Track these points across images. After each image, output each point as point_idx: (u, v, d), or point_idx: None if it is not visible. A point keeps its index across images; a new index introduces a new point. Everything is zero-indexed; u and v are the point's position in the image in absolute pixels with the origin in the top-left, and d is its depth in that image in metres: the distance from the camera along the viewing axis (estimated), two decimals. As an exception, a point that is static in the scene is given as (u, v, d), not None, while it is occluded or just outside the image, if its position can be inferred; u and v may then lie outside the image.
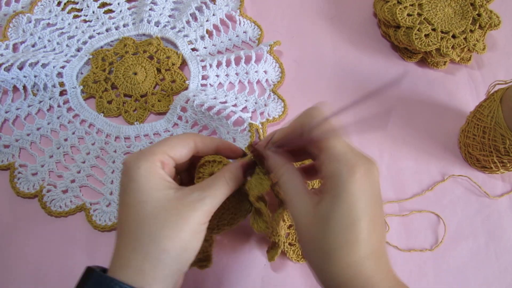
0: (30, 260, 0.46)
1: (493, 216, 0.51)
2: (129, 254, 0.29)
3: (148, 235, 0.29)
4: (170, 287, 0.30)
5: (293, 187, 0.32)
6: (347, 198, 0.28)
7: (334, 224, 0.28)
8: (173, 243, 0.29)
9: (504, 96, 0.45)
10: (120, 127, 0.53)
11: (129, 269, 0.29)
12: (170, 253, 0.29)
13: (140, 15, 0.59)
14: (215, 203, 0.31)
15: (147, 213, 0.30)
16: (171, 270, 0.29)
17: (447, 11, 0.56)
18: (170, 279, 0.29)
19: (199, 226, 0.30)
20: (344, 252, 0.28)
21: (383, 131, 0.55)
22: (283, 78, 0.56)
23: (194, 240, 0.30)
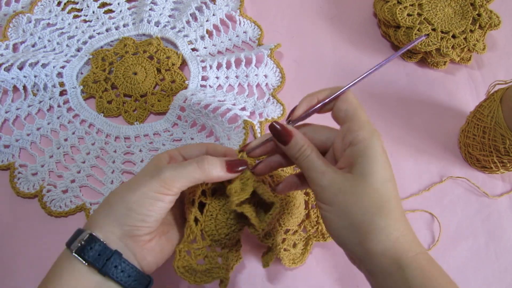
0: (30, 260, 0.46)
1: (493, 216, 0.51)
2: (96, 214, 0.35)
3: (108, 197, 0.35)
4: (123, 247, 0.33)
5: (323, 161, 0.33)
6: (381, 157, 0.31)
7: (376, 179, 0.31)
8: (117, 199, 0.34)
9: (504, 96, 0.45)
10: (120, 127, 0.53)
11: (88, 220, 0.35)
12: (111, 206, 0.34)
13: (140, 15, 0.59)
14: (176, 177, 0.33)
15: (124, 184, 0.35)
16: (121, 231, 0.33)
17: (447, 11, 0.56)
18: (122, 240, 0.33)
19: (150, 193, 0.33)
20: (385, 210, 0.30)
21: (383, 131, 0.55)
22: (283, 82, 0.56)
23: (139, 203, 0.33)
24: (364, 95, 0.56)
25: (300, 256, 0.46)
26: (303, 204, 0.47)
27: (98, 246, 0.32)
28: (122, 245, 0.34)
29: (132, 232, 0.34)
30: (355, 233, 0.31)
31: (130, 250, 0.34)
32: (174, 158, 0.37)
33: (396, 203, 0.31)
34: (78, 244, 0.33)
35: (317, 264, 0.48)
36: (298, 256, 0.46)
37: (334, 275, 0.47)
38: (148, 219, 0.33)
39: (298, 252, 0.47)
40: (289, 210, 0.45)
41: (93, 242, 0.32)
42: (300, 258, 0.46)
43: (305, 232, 0.48)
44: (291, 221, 0.45)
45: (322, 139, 0.36)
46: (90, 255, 0.32)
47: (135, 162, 0.51)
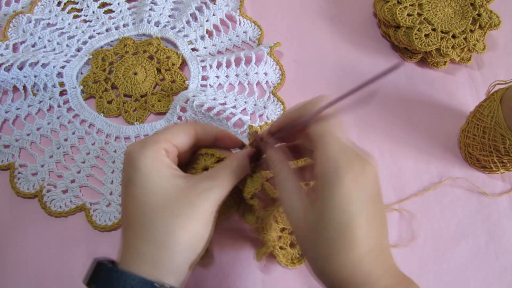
0: (30, 260, 0.46)
1: (493, 216, 0.51)
2: (142, 245, 0.28)
3: (161, 225, 0.28)
4: (182, 279, 0.29)
5: (288, 186, 0.31)
6: (338, 199, 0.27)
7: (328, 224, 0.28)
8: (186, 232, 0.28)
9: (504, 96, 0.45)
10: (120, 127, 0.53)
11: (143, 261, 0.28)
12: (183, 243, 0.28)
13: (140, 15, 0.59)
14: (224, 192, 0.31)
15: (158, 203, 0.29)
16: (184, 260, 0.29)
17: (447, 11, 0.56)
18: (183, 270, 0.29)
19: (209, 215, 0.30)
20: (341, 251, 0.28)
21: (383, 131, 0.55)
22: (283, 80, 0.56)
23: (204, 230, 0.29)
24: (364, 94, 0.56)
25: (300, 257, 0.46)
26: None
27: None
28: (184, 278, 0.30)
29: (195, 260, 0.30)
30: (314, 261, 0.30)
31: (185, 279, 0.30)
32: (170, 152, 0.32)
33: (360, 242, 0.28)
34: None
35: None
36: (297, 256, 0.46)
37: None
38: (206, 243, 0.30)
39: (296, 252, 0.47)
40: None
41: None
42: (299, 259, 0.46)
43: None
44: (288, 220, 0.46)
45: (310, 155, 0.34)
46: None
47: (135, 162, 0.51)
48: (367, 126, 0.55)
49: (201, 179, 0.31)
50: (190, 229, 0.28)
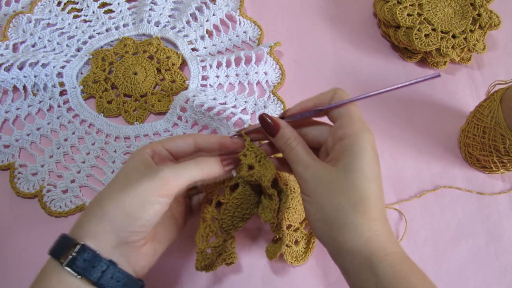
0: (30, 260, 0.46)
1: (493, 216, 0.51)
2: (85, 220, 0.32)
3: (102, 204, 0.32)
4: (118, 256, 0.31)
5: (308, 154, 0.33)
6: (367, 154, 0.31)
7: (357, 176, 0.31)
8: (112, 203, 0.31)
9: (504, 96, 0.45)
10: (120, 127, 0.53)
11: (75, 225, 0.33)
12: (105, 211, 0.31)
13: (140, 15, 0.59)
14: (176, 178, 0.32)
15: (112, 185, 0.33)
16: (116, 238, 0.31)
17: (447, 11, 0.56)
18: (117, 248, 0.31)
19: (150, 197, 0.31)
20: (361, 208, 0.30)
21: (383, 131, 0.55)
22: (283, 79, 0.56)
23: (140, 208, 0.31)
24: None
25: (303, 254, 0.47)
26: None
27: (91, 257, 0.30)
28: (117, 254, 0.32)
29: (128, 238, 0.32)
30: (329, 228, 0.31)
31: (124, 257, 0.32)
32: (157, 153, 0.36)
33: (376, 203, 0.31)
34: (70, 255, 0.30)
35: (317, 264, 0.48)
36: (301, 254, 0.47)
37: (333, 277, 0.47)
38: (147, 224, 0.32)
39: (300, 250, 0.47)
40: (294, 206, 0.46)
41: (86, 253, 0.30)
42: (303, 256, 0.46)
43: (306, 230, 0.48)
44: (294, 217, 0.46)
45: (316, 134, 0.36)
46: (83, 267, 0.30)
47: (135, 162, 0.51)
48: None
49: (156, 167, 0.33)
50: (119, 203, 0.31)
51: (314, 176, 0.32)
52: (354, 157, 0.31)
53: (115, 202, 0.31)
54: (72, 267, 0.30)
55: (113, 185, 0.33)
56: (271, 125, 0.35)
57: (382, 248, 0.30)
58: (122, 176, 0.33)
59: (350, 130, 0.32)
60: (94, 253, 0.30)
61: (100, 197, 0.33)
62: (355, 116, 0.33)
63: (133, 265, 0.33)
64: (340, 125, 0.33)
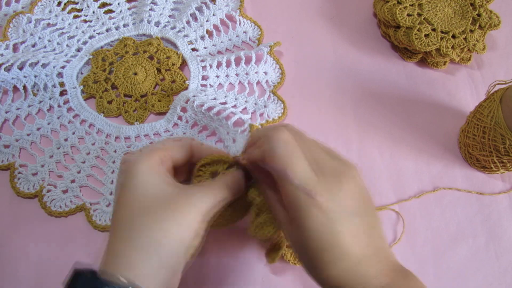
0: (30, 260, 0.46)
1: (493, 216, 0.51)
2: (121, 246, 0.28)
3: (143, 227, 0.28)
4: (161, 284, 0.28)
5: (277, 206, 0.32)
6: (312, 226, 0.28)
7: (308, 247, 0.29)
8: (168, 236, 0.28)
9: (504, 96, 0.45)
10: (120, 127, 0.53)
11: (120, 262, 0.28)
12: (164, 246, 0.28)
13: (140, 15, 0.59)
14: (213, 202, 0.31)
15: (144, 206, 0.29)
16: (164, 265, 0.28)
17: (447, 11, 0.56)
18: (163, 275, 0.28)
19: (195, 224, 0.29)
20: (329, 267, 0.29)
21: (383, 131, 0.55)
22: (283, 79, 0.56)
23: (188, 237, 0.29)
24: (364, 94, 0.56)
25: None
26: None
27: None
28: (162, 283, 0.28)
29: (175, 266, 0.29)
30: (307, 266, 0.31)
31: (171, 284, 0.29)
32: (164, 162, 0.33)
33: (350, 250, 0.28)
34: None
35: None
36: None
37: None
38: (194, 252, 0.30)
39: None
40: None
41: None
42: None
43: None
44: None
45: None
46: None
47: (135, 162, 0.51)
48: (367, 126, 0.55)
49: (192, 187, 0.31)
50: (173, 233, 0.28)
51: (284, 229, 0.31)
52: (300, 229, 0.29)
53: (161, 225, 0.28)
54: None
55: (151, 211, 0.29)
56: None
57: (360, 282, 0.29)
58: (149, 196, 0.29)
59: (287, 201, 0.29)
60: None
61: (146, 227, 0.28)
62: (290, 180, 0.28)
63: None
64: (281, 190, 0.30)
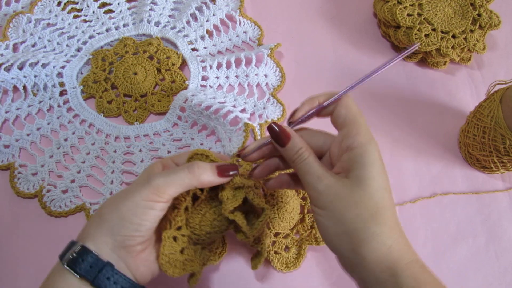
0: (30, 260, 0.46)
1: (493, 216, 0.51)
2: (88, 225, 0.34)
3: (101, 212, 0.34)
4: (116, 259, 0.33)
5: (320, 165, 0.33)
6: (378, 164, 0.31)
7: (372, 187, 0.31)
8: (109, 209, 0.33)
9: (504, 96, 0.45)
10: (120, 127, 0.53)
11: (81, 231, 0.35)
12: (103, 216, 0.33)
13: (140, 15, 0.59)
14: (167, 183, 0.33)
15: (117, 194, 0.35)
16: (113, 242, 0.33)
17: (447, 11, 0.56)
18: (115, 251, 0.33)
19: (142, 201, 0.32)
20: (380, 218, 0.30)
21: (383, 131, 0.55)
22: (283, 82, 0.56)
23: (131, 212, 0.32)
24: (364, 95, 0.56)
25: (294, 260, 0.46)
26: (298, 209, 0.46)
27: (90, 258, 0.32)
28: (115, 256, 0.33)
29: (124, 242, 0.33)
30: (349, 240, 0.31)
31: (123, 261, 0.33)
32: (167, 167, 0.37)
33: (391, 211, 0.31)
34: (70, 256, 0.32)
35: (313, 268, 0.48)
36: (292, 260, 0.46)
37: (330, 279, 0.47)
38: (141, 228, 0.33)
39: (291, 256, 0.46)
40: (280, 215, 0.45)
41: (85, 254, 0.32)
42: (294, 263, 0.46)
43: (297, 236, 0.48)
44: (281, 225, 0.45)
45: (319, 144, 0.35)
46: (82, 267, 0.32)
47: (135, 162, 0.51)
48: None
49: (149, 175, 0.34)
50: (116, 211, 0.33)
51: (329, 188, 0.32)
52: (366, 168, 0.31)
53: (111, 207, 0.33)
54: (72, 266, 0.32)
55: (115, 195, 0.35)
56: (281, 135, 0.34)
57: (402, 257, 0.30)
58: (127, 188, 0.35)
59: (358, 140, 0.32)
60: (93, 254, 0.32)
61: (102, 206, 0.35)
62: (362, 125, 0.33)
63: (132, 270, 0.34)
64: (347, 134, 0.33)
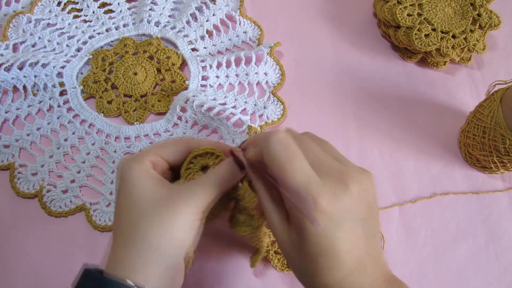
0: (30, 260, 0.46)
1: (493, 216, 0.51)
2: (123, 253, 0.29)
3: (140, 233, 0.29)
4: (166, 284, 0.30)
5: (270, 208, 0.31)
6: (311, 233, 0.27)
7: (306, 253, 0.28)
8: (164, 239, 0.29)
9: (504, 96, 0.45)
10: (120, 127, 0.53)
11: (124, 268, 0.29)
12: (161, 251, 0.29)
13: (140, 15, 0.59)
14: (208, 198, 0.31)
15: (139, 211, 0.30)
16: (164, 267, 0.29)
17: (447, 11, 0.56)
18: (164, 276, 0.29)
19: (191, 222, 0.30)
20: (323, 275, 0.28)
21: (383, 131, 0.55)
22: (283, 80, 0.56)
23: (186, 236, 0.30)
24: (364, 94, 0.56)
25: None
26: None
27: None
28: (165, 281, 0.30)
29: (177, 265, 0.30)
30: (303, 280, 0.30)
31: (171, 281, 0.30)
32: (158, 165, 0.33)
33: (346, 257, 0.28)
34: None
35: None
36: None
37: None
38: (192, 244, 0.31)
39: None
40: None
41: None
42: None
43: None
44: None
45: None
46: None
47: (135, 162, 0.51)
48: (367, 126, 0.55)
49: (184, 186, 0.31)
50: (168, 236, 0.29)
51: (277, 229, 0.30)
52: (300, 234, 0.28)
53: (157, 229, 0.29)
54: None
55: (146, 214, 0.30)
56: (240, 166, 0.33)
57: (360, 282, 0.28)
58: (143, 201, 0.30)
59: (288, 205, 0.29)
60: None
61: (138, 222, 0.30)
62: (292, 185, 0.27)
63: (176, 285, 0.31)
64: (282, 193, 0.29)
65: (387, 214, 0.50)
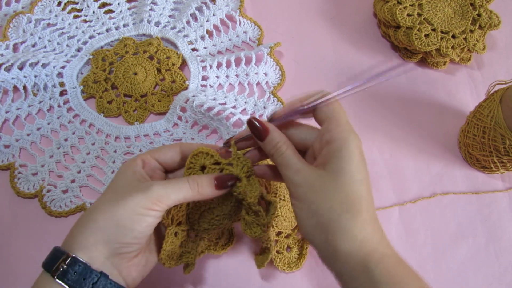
0: (30, 260, 0.46)
1: (493, 216, 0.51)
2: (76, 231, 0.33)
3: (93, 216, 0.32)
4: (110, 269, 0.32)
5: (298, 158, 0.33)
6: (355, 157, 0.31)
7: (347, 179, 0.31)
8: (104, 215, 0.32)
9: (504, 96, 0.45)
10: (120, 127, 0.53)
11: (67, 237, 0.33)
12: (97, 223, 0.32)
13: (140, 15, 0.59)
14: (167, 195, 0.32)
15: (105, 197, 0.33)
16: (99, 240, 0.31)
17: (447, 11, 0.56)
18: (108, 261, 0.32)
19: (140, 209, 0.32)
20: (353, 211, 0.30)
21: (383, 131, 0.55)
22: (283, 80, 0.56)
23: (131, 221, 0.32)
24: (364, 94, 0.56)
25: (296, 261, 0.46)
26: None
27: (82, 270, 0.30)
28: (109, 265, 0.32)
29: (121, 249, 0.32)
30: (322, 232, 0.31)
31: (116, 268, 0.33)
32: (147, 163, 0.36)
33: (367, 205, 0.31)
34: (60, 268, 0.30)
35: (313, 267, 0.48)
36: (294, 260, 0.46)
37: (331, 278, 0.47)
38: (139, 235, 0.32)
39: (293, 256, 0.46)
40: (283, 214, 0.45)
41: (77, 265, 0.30)
42: (296, 263, 0.46)
43: (299, 236, 0.48)
44: (284, 224, 0.45)
45: (303, 137, 0.36)
46: (75, 279, 0.30)
47: (135, 162, 0.51)
48: (367, 126, 0.55)
49: (152, 182, 0.33)
50: (109, 214, 0.32)
51: (305, 181, 0.32)
52: (342, 160, 0.31)
53: (107, 214, 0.32)
54: (63, 279, 0.30)
55: (104, 197, 0.33)
56: (260, 129, 0.34)
57: (376, 250, 0.30)
58: (114, 188, 0.34)
59: (337, 134, 0.32)
60: (85, 265, 0.31)
61: (92, 209, 0.33)
62: (342, 119, 0.33)
63: (124, 276, 0.33)
64: (327, 129, 0.33)
65: (387, 214, 0.50)
